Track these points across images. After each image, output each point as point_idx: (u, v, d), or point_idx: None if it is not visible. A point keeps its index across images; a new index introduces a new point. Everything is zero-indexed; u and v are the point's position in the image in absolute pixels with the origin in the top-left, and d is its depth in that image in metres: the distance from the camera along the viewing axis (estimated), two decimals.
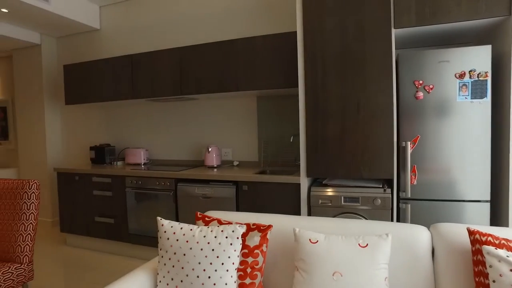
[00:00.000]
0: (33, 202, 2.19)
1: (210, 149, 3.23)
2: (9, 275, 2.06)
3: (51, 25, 4.06)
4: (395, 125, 2.26)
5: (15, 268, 2.10)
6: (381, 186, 2.33)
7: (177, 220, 3.06)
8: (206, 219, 1.69)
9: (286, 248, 1.60)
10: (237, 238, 1.44)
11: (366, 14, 2.25)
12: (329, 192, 2.41)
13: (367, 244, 1.35)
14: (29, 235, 2.17)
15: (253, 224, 1.58)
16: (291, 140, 2.94)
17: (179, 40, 3.68)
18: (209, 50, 3.06)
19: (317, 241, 1.41)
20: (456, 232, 1.38)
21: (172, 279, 1.44)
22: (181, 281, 1.42)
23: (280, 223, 1.68)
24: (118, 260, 3.33)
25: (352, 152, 2.35)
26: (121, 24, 4.06)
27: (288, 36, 2.78)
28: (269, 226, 1.54)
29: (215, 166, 3.27)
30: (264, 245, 1.53)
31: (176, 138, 3.76)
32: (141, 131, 3.97)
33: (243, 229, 1.47)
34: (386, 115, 2.25)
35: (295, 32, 2.74)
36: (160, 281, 1.47)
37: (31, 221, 2.18)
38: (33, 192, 2.19)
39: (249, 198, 2.74)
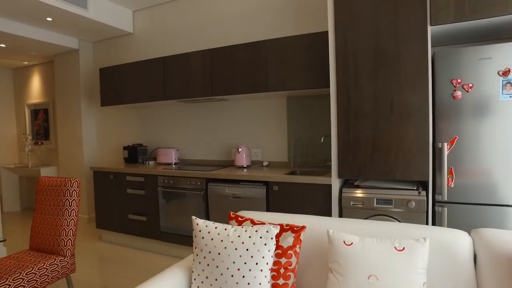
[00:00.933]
0: (74, 199, 2.31)
1: (240, 150, 3.27)
2: (55, 267, 2.19)
3: (88, 31, 4.26)
4: (430, 126, 2.19)
5: (59, 261, 2.22)
6: (415, 188, 2.27)
7: (207, 219, 3.12)
8: (239, 219, 1.71)
9: (319, 249, 1.59)
10: (271, 238, 1.45)
11: (401, 11, 2.20)
12: (361, 193, 2.37)
13: (403, 248, 1.32)
14: (71, 230, 2.29)
15: (286, 225, 1.58)
16: (322, 141, 2.92)
17: (210, 41, 3.74)
18: (239, 51, 3.10)
19: (352, 243, 1.39)
20: (502, 239, 1.31)
21: (206, 277, 1.47)
22: (216, 279, 1.45)
23: (312, 224, 1.67)
24: (150, 257, 3.44)
25: (385, 153, 2.30)
26: (153, 27, 4.18)
27: (318, 36, 2.76)
28: (303, 227, 1.54)
29: (245, 166, 3.30)
30: (298, 246, 1.53)
31: (206, 138, 3.82)
32: (172, 132, 4.07)
33: (277, 230, 1.48)
34: (421, 115, 2.18)
35: (326, 32, 2.71)
36: (194, 279, 1.51)
37: (72, 217, 2.30)
38: (74, 189, 2.31)
39: (279, 198, 2.75)
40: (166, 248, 3.46)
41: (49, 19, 3.77)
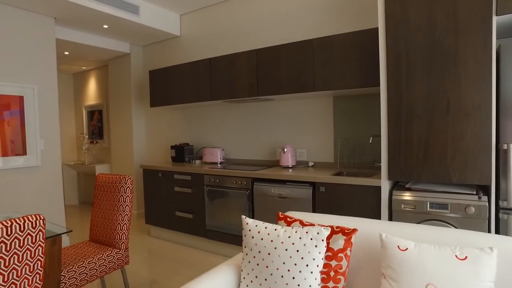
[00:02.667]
0: (128, 196, 2.44)
1: (285, 150, 3.26)
2: (111, 258, 2.33)
3: (139, 35, 4.48)
4: (493, 125, 2.02)
5: (115, 253, 2.36)
6: (475, 192, 2.11)
7: (252, 219, 3.15)
8: (288, 219, 1.70)
9: (370, 253, 1.54)
10: (322, 240, 1.43)
11: (461, 1, 2.05)
12: (413, 196, 2.26)
13: (466, 257, 1.23)
14: (125, 225, 2.42)
15: (337, 227, 1.55)
16: (370, 141, 2.82)
17: (256, 41, 3.77)
18: (286, 50, 3.09)
19: (407, 248, 1.33)
20: None
21: (256, 276, 1.48)
22: (265, 279, 1.45)
23: (363, 227, 1.62)
24: (195, 253, 3.54)
25: (440, 155, 2.16)
26: (199, 29, 4.30)
27: (367, 33, 2.68)
28: (354, 230, 1.50)
29: (290, 166, 3.28)
30: (349, 249, 1.49)
31: (251, 138, 3.86)
32: (218, 131, 4.16)
33: (327, 232, 1.45)
34: (482, 114, 2.03)
35: (376, 29, 2.62)
36: (244, 278, 1.53)
37: (126, 212, 2.43)
38: (128, 186, 2.44)
39: (326, 199, 2.70)
40: (211, 246, 3.55)
41: (105, 26, 4.02)
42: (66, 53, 4.73)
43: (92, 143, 5.92)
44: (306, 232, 1.46)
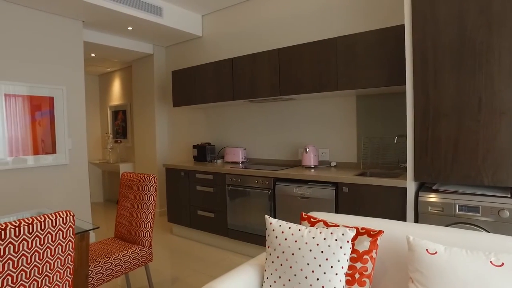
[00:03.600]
0: (152, 194, 2.48)
1: (307, 149, 3.22)
2: (136, 255, 2.38)
3: (162, 36, 4.56)
4: None
5: (139, 250, 2.41)
6: (509, 195, 2.02)
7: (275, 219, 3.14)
8: (312, 220, 1.68)
9: (397, 256, 1.50)
10: (347, 241, 1.41)
11: None
12: (441, 198, 2.18)
13: (502, 263, 1.17)
14: (149, 223, 2.47)
15: (362, 228, 1.52)
16: (395, 141, 2.75)
17: (278, 41, 3.76)
18: (308, 49, 3.06)
19: (436, 252, 1.29)
20: None
21: (279, 277, 1.47)
22: (289, 280, 1.44)
23: (389, 229, 1.58)
24: (217, 252, 3.56)
25: (470, 155, 2.08)
26: (221, 30, 4.33)
27: (392, 30, 2.61)
28: (380, 232, 1.47)
29: (313, 166, 3.25)
30: (374, 251, 1.46)
31: (273, 137, 3.85)
32: (239, 131, 4.18)
33: (353, 233, 1.42)
34: None
35: (402, 26, 2.55)
36: (267, 278, 1.52)
37: (150, 210, 2.47)
38: (152, 185, 2.48)
39: (349, 200, 2.65)
40: (233, 245, 3.56)
41: (129, 28, 4.11)
42: (93, 55, 4.88)
43: (116, 142, 6.08)
44: (331, 233, 1.44)
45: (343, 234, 1.42)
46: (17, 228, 1.27)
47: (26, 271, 1.32)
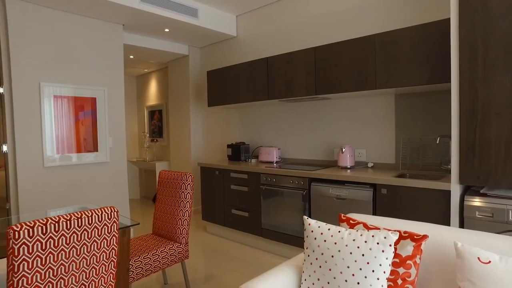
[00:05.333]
0: (189, 192, 2.53)
1: (344, 150, 3.15)
2: (173, 252, 2.44)
3: (197, 37, 4.64)
4: None
5: (176, 247, 2.46)
6: None
7: None
8: (351, 221, 1.64)
9: (443, 263, 1.42)
10: (390, 245, 1.35)
11: None
12: (491, 203, 2.05)
13: None
14: (186, 220, 2.52)
15: (405, 232, 1.46)
16: (437, 142, 2.62)
17: (314, 39, 3.70)
18: (345, 48, 2.99)
19: (490, 261, 1.20)
20: None
21: (318, 279, 1.45)
22: (328, 282, 1.41)
23: (433, 233, 1.51)
24: (251, 251, 3.57)
25: None
26: (256, 29, 4.33)
27: (436, 25, 2.49)
28: (424, 236, 1.40)
29: (349, 167, 3.17)
30: (418, 256, 1.39)
31: (308, 137, 3.80)
32: (274, 130, 4.16)
33: (396, 237, 1.37)
34: None
35: (446, 20, 2.42)
36: (305, 280, 1.50)
37: (187, 208, 2.53)
38: (189, 183, 2.53)
39: (388, 202, 2.56)
40: (267, 245, 3.56)
41: (166, 30, 4.23)
42: (131, 57, 5.06)
43: (153, 141, 6.27)
44: (372, 236, 1.39)
45: (385, 238, 1.37)
46: (68, 222, 1.33)
47: (76, 262, 1.39)
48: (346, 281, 1.36)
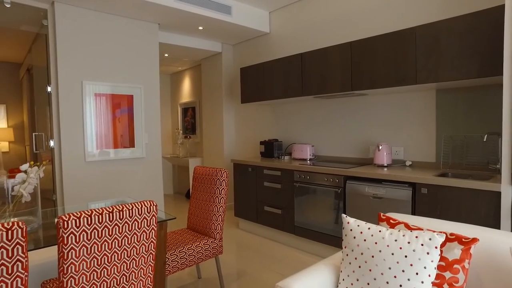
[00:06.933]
0: (223, 188, 2.55)
1: (380, 147, 3.05)
2: (207, 247, 2.47)
3: (230, 35, 4.66)
4: None
5: (211, 242, 2.49)
6: None
7: None
8: (391, 221, 1.58)
9: (496, 270, 1.33)
10: (435, 247, 1.28)
11: None
12: None
13: None
14: (220, 216, 2.54)
15: (451, 234, 1.37)
16: (485, 139, 2.45)
17: (349, 34, 3.60)
18: (383, 41, 2.88)
19: None
20: None
21: (357, 279, 1.40)
22: (368, 283, 1.36)
23: (484, 237, 1.41)
24: (283, 249, 3.55)
25: None
26: (289, 25, 4.29)
27: (485, 14, 2.32)
28: (474, 239, 1.31)
29: (385, 165, 3.06)
30: (467, 260, 1.31)
31: (342, 134, 3.71)
32: (307, 127, 4.11)
33: (442, 238, 1.29)
34: None
35: (498, 7, 2.26)
36: (343, 279, 1.46)
37: (222, 204, 2.54)
38: (224, 179, 2.55)
39: (428, 202, 2.44)
40: (299, 242, 3.52)
41: (200, 28, 4.28)
42: (166, 55, 5.18)
43: (186, 137, 6.40)
44: (416, 237, 1.33)
45: (430, 239, 1.30)
46: (110, 214, 1.38)
47: (118, 253, 1.44)
48: (387, 283, 1.31)
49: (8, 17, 3.60)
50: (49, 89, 3.45)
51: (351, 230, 1.47)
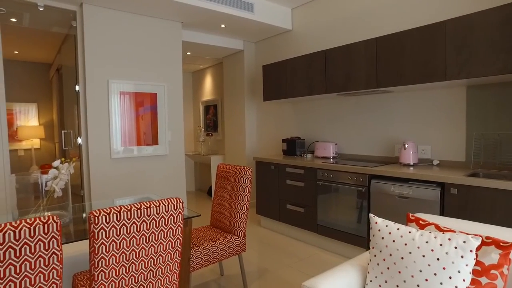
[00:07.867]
0: (247, 186, 2.55)
1: (406, 146, 2.96)
2: (231, 244, 2.48)
3: (252, 32, 4.66)
4: None
5: (234, 239, 2.50)
6: None
7: None
8: (421, 222, 1.53)
9: None
10: (470, 251, 1.23)
11: None
12: None
13: None
14: (243, 214, 2.55)
15: (487, 237, 1.32)
16: None
17: (374, 29, 3.51)
18: (409, 37, 2.79)
19: None
20: None
21: (385, 281, 1.37)
22: (397, 286, 1.33)
23: None
24: (305, 248, 3.53)
25: None
26: (312, 22, 4.23)
27: None
28: None
29: (412, 164, 2.97)
30: (506, 266, 1.25)
31: (366, 132, 3.64)
32: (330, 125, 4.05)
33: (478, 242, 1.24)
34: None
35: None
36: (371, 281, 1.43)
37: (245, 202, 2.55)
38: (247, 177, 2.55)
39: (458, 203, 2.36)
40: (322, 241, 3.48)
41: (222, 26, 4.29)
42: (189, 53, 5.24)
43: (208, 135, 6.46)
44: (449, 239, 1.28)
45: (464, 242, 1.25)
46: (138, 210, 1.41)
47: (145, 249, 1.47)
48: (418, 286, 1.27)
49: (40, 20, 3.73)
50: (77, 87, 3.55)
51: (379, 230, 1.44)
